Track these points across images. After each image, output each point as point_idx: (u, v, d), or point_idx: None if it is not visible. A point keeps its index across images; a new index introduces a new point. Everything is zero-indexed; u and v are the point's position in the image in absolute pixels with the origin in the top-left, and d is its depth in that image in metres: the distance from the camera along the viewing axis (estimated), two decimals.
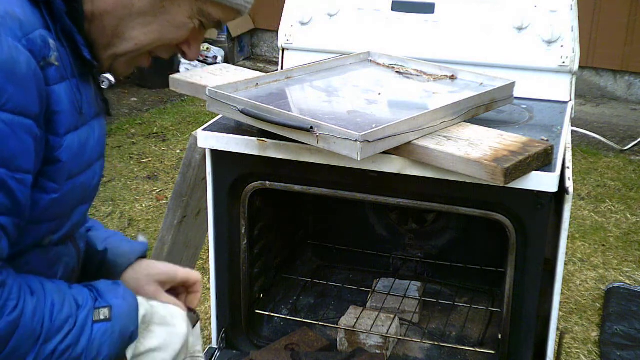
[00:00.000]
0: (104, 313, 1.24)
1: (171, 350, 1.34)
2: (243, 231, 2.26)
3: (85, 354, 1.20)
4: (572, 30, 2.39)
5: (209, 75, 2.40)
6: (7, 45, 1.09)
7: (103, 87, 1.57)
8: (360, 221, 2.87)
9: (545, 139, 1.99)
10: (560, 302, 2.47)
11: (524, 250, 1.99)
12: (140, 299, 1.33)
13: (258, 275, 2.49)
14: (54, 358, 1.18)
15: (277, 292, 2.68)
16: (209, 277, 2.35)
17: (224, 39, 7.02)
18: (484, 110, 2.09)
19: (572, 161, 2.09)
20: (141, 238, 1.58)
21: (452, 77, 2.30)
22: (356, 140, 1.73)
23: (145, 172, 4.81)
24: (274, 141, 2.01)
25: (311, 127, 1.80)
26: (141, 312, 1.32)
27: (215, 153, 2.14)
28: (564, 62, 2.39)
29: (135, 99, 6.28)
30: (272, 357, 2.28)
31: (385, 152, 1.86)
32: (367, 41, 2.56)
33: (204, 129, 2.12)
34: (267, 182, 2.16)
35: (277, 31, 2.70)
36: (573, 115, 2.41)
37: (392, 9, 2.55)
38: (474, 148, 1.83)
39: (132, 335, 1.29)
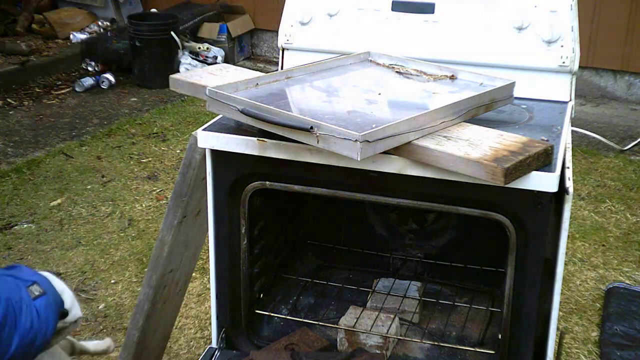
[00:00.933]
0: (36, 289, 1.25)
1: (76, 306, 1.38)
2: (243, 231, 2.26)
3: (40, 330, 1.21)
4: (572, 30, 2.39)
5: (209, 75, 2.40)
6: None
7: (103, 87, 1.56)
8: (360, 221, 2.87)
9: (545, 139, 1.99)
10: (560, 302, 2.47)
11: (524, 250, 1.99)
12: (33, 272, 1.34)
13: (258, 275, 2.49)
14: (23, 344, 1.17)
15: (277, 292, 2.68)
16: (209, 277, 2.35)
17: (224, 39, 7.02)
18: (484, 110, 2.09)
19: (572, 161, 2.09)
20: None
21: (452, 77, 2.30)
22: (356, 140, 1.73)
23: (145, 172, 4.81)
24: (274, 141, 2.01)
25: (311, 127, 1.80)
26: (54, 281, 1.33)
27: (215, 153, 2.14)
28: (564, 62, 2.39)
29: (135, 99, 6.28)
30: (272, 357, 2.28)
31: (385, 152, 1.86)
32: (367, 41, 2.56)
33: (204, 129, 2.12)
34: (267, 182, 2.16)
35: (277, 31, 2.70)
36: (573, 115, 2.41)
37: (392, 9, 2.55)
38: (474, 148, 1.83)
39: (62, 303, 1.30)
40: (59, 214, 4.27)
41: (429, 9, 2.51)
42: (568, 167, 1.96)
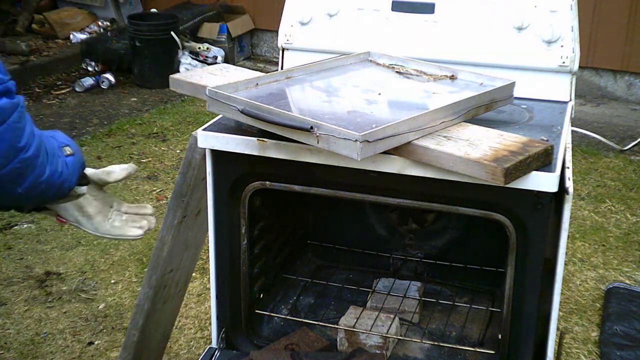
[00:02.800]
0: (69, 150, 1.56)
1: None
2: (243, 231, 2.26)
3: (68, 179, 1.54)
4: (572, 30, 2.39)
5: (209, 75, 2.40)
6: None
7: (103, 87, 1.64)
8: (360, 221, 2.87)
9: (545, 139, 1.99)
10: (560, 302, 2.47)
11: (524, 250, 1.99)
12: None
13: (258, 275, 2.49)
14: (58, 178, 1.49)
15: (277, 292, 2.68)
16: (209, 277, 2.35)
17: (224, 39, 7.02)
18: (484, 110, 2.09)
19: (572, 161, 2.09)
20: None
21: (452, 77, 2.30)
22: (356, 140, 1.73)
23: (145, 172, 4.81)
24: (274, 141, 2.01)
25: (311, 127, 1.80)
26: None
27: (215, 153, 2.14)
28: (564, 62, 2.39)
29: (135, 99, 6.29)
30: (272, 357, 2.28)
31: (385, 152, 1.86)
32: (367, 41, 2.56)
33: (204, 129, 2.12)
34: (267, 182, 2.16)
35: (277, 31, 2.70)
36: (573, 115, 2.41)
37: (392, 9, 2.55)
38: (474, 148, 1.83)
39: (84, 164, 1.65)
40: None
41: (429, 9, 2.51)
42: (568, 167, 1.96)
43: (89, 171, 1.77)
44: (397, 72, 2.39)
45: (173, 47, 6.53)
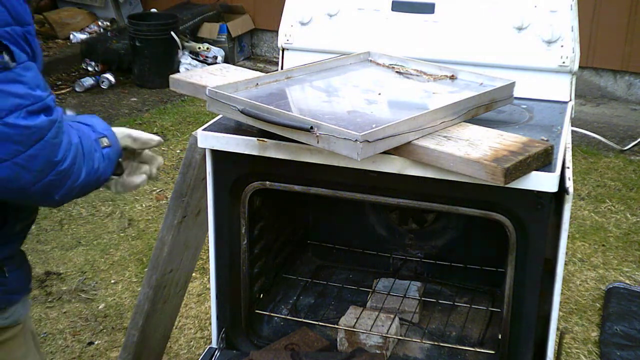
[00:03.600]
0: (105, 141, 1.55)
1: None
2: (243, 231, 2.26)
3: (104, 172, 1.54)
4: (572, 30, 2.39)
5: (209, 75, 2.40)
6: None
7: (103, 87, 1.66)
8: (360, 221, 2.87)
9: (545, 139, 1.99)
10: (560, 302, 2.47)
11: (524, 250, 1.99)
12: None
13: (258, 275, 2.49)
14: (94, 174, 1.49)
15: (277, 292, 2.68)
16: (209, 277, 2.35)
17: (224, 39, 7.02)
18: (484, 110, 2.09)
19: (572, 161, 2.09)
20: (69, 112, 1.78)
21: (452, 77, 2.30)
22: (356, 140, 1.73)
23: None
24: (274, 141, 2.01)
25: (311, 127, 1.80)
26: (118, 136, 1.64)
27: (215, 153, 2.14)
28: (564, 62, 2.39)
29: (135, 99, 6.29)
30: (272, 357, 2.28)
31: (385, 152, 1.86)
32: (367, 41, 2.56)
33: (204, 129, 2.12)
34: (267, 182, 2.16)
35: (277, 31, 2.70)
36: (573, 115, 2.41)
37: (392, 9, 2.55)
38: (474, 148, 1.83)
39: (120, 153, 1.63)
40: (59, 213, 4.27)
41: (429, 9, 2.51)
42: (568, 167, 1.96)
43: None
44: (397, 72, 2.39)
45: (173, 47, 6.53)
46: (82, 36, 7.23)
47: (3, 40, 1.26)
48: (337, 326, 2.44)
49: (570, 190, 1.88)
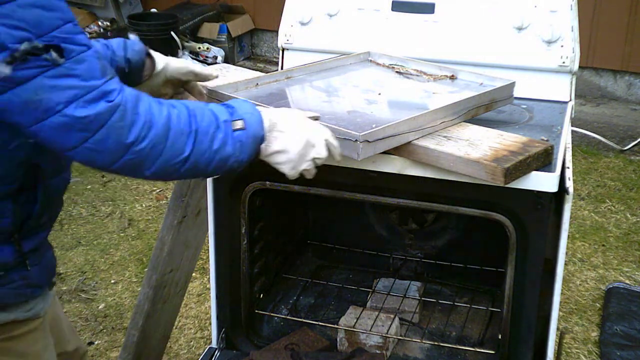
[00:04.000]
0: (240, 124, 1.58)
1: (292, 151, 1.67)
2: (243, 231, 2.26)
3: (234, 153, 1.57)
4: (572, 30, 2.39)
5: None
6: None
7: None
8: (360, 221, 2.87)
9: (545, 139, 1.99)
10: (560, 302, 2.47)
11: (524, 250, 1.99)
12: (263, 111, 1.65)
13: (258, 275, 2.49)
14: (211, 155, 1.53)
15: (277, 292, 2.68)
16: (209, 277, 2.35)
17: (224, 39, 7.02)
18: (484, 110, 2.09)
19: (572, 161, 2.09)
20: (132, 36, 1.79)
21: (452, 77, 2.30)
22: (356, 140, 1.73)
23: None
24: None
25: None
26: (266, 123, 1.64)
27: None
28: (564, 62, 2.39)
29: None
30: (272, 357, 2.28)
31: (385, 152, 1.86)
32: (367, 41, 2.56)
33: None
34: (267, 182, 2.16)
35: (277, 31, 2.70)
36: (573, 115, 2.40)
37: (392, 9, 2.55)
38: (474, 148, 1.83)
39: (262, 139, 1.63)
40: (59, 213, 4.26)
41: (429, 9, 2.51)
42: (568, 167, 1.96)
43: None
44: (397, 72, 2.39)
45: (173, 47, 6.53)
46: None
47: (53, 41, 1.32)
48: (337, 326, 2.44)
49: (570, 190, 1.88)
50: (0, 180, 1.47)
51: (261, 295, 2.54)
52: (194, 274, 3.33)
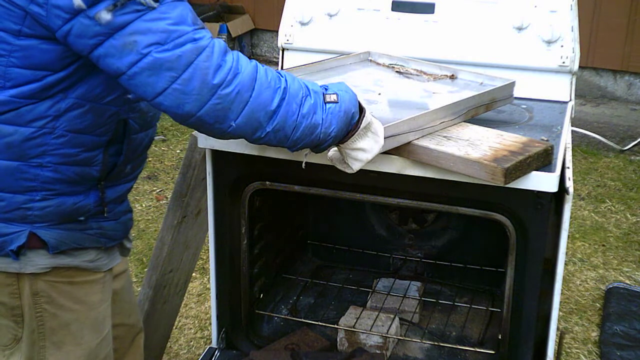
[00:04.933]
0: (332, 97, 1.60)
1: (371, 153, 1.70)
2: (243, 231, 2.26)
3: (322, 123, 1.58)
4: (572, 30, 2.39)
5: None
6: None
7: None
8: (360, 221, 2.87)
9: (545, 139, 1.99)
10: (560, 302, 2.47)
11: (524, 250, 1.99)
12: (367, 110, 1.68)
13: (258, 275, 2.49)
14: (299, 119, 1.55)
15: (277, 292, 2.68)
16: (209, 277, 2.35)
17: (224, 39, 7.02)
18: (484, 110, 2.09)
19: (572, 161, 2.09)
20: None
21: (452, 77, 2.30)
22: None
23: (145, 172, 4.81)
24: None
25: None
26: (367, 119, 1.66)
27: (215, 153, 2.15)
28: (564, 62, 2.39)
29: None
30: (272, 357, 2.28)
31: (385, 152, 1.85)
32: (367, 41, 2.56)
33: None
34: (267, 182, 2.16)
35: (277, 31, 2.70)
36: (573, 115, 2.40)
37: (392, 9, 2.55)
38: (474, 148, 1.83)
39: (353, 116, 1.64)
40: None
41: (429, 9, 2.51)
42: (568, 167, 1.96)
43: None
44: (397, 72, 2.39)
45: None
46: None
47: None
48: (337, 326, 2.44)
49: (570, 190, 1.88)
50: (94, 131, 1.58)
51: (261, 295, 2.54)
52: (194, 274, 3.32)
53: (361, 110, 1.67)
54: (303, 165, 1.81)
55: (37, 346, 1.69)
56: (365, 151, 1.69)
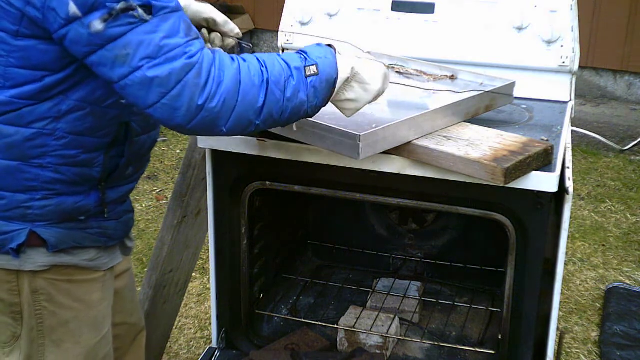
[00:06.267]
0: (312, 70, 1.60)
1: (362, 101, 1.70)
2: (243, 231, 2.26)
3: (307, 99, 1.59)
4: (572, 30, 2.39)
5: None
6: None
7: None
8: (360, 221, 2.87)
9: (545, 139, 1.99)
10: (560, 302, 2.47)
11: (524, 250, 1.99)
12: (348, 60, 1.67)
13: (258, 275, 2.49)
14: (284, 104, 1.56)
15: (277, 292, 2.68)
16: (209, 277, 2.35)
17: None
18: (484, 110, 2.09)
19: (572, 161, 2.09)
20: None
21: (452, 77, 2.30)
22: (356, 140, 1.73)
23: (145, 172, 4.80)
24: (273, 141, 2.01)
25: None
26: (346, 69, 1.65)
27: (215, 153, 2.15)
28: (564, 62, 2.39)
29: None
30: (272, 357, 2.28)
31: (385, 152, 1.86)
32: (367, 41, 2.56)
33: None
34: (267, 182, 2.16)
35: (277, 31, 2.70)
36: (573, 115, 2.40)
37: (392, 9, 2.55)
38: (474, 148, 1.83)
39: (334, 81, 1.63)
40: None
41: (429, 9, 2.51)
42: (568, 167, 1.96)
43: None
44: (397, 72, 2.39)
45: None
46: None
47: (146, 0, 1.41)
48: (337, 326, 2.44)
49: (570, 190, 1.88)
50: (95, 133, 1.59)
51: (261, 295, 2.54)
52: (194, 274, 3.32)
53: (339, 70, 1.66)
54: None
55: (36, 344, 1.70)
56: (354, 101, 1.69)
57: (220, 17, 1.96)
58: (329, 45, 1.70)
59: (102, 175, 1.65)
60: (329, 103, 1.69)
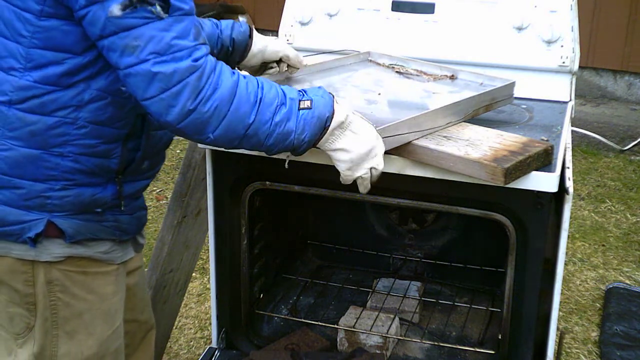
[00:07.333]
0: (306, 103, 1.64)
1: (355, 152, 1.70)
2: (243, 231, 2.26)
3: (296, 130, 1.62)
4: (572, 30, 2.39)
5: None
6: None
7: None
8: (360, 221, 2.87)
9: (545, 139, 1.99)
10: (560, 302, 2.47)
11: (524, 250, 1.99)
12: (345, 108, 1.70)
13: (258, 275, 2.49)
14: (271, 127, 1.60)
15: (277, 292, 2.68)
16: (209, 277, 2.35)
17: None
18: (484, 110, 2.09)
19: (572, 161, 2.09)
20: (242, 19, 1.85)
21: (452, 77, 2.30)
22: None
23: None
24: None
25: None
26: (341, 116, 1.67)
27: (215, 153, 2.15)
28: (564, 62, 2.39)
29: None
30: (272, 357, 2.28)
31: (385, 152, 1.85)
32: (367, 41, 2.56)
33: None
34: (267, 182, 2.16)
35: (277, 31, 2.70)
36: (573, 115, 2.40)
37: (392, 9, 2.55)
38: (474, 148, 1.83)
39: (327, 120, 1.66)
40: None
41: (429, 9, 2.51)
42: (568, 167, 1.96)
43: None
44: (397, 72, 2.39)
45: None
46: None
47: None
48: (337, 326, 2.44)
49: (570, 190, 1.88)
50: (114, 123, 1.62)
51: (261, 295, 2.54)
52: (194, 274, 3.32)
53: (335, 112, 1.69)
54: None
55: (49, 335, 1.71)
56: (346, 151, 1.70)
57: (292, 52, 2.15)
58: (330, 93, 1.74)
59: (119, 167, 1.68)
60: (324, 151, 1.72)
